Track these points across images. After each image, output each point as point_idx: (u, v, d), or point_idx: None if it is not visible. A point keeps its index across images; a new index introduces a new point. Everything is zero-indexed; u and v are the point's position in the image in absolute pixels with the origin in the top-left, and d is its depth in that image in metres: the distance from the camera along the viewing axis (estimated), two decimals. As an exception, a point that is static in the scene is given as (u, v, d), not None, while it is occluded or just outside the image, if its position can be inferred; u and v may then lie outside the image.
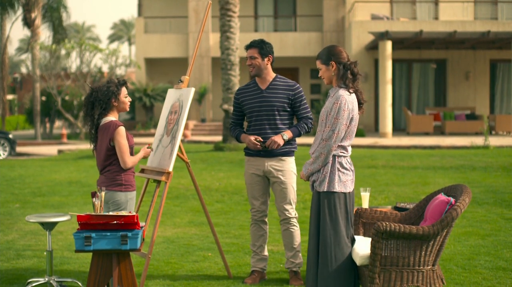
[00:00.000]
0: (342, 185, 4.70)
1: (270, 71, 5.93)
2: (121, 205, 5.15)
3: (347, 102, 4.66)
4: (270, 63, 5.91)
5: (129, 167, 5.16)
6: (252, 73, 5.92)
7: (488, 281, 5.77)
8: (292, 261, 5.93)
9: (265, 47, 5.85)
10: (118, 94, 5.23)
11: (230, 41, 18.62)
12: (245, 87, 6.03)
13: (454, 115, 24.35)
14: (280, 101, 5.83)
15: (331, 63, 4.76)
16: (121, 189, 5.15)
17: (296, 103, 5.88)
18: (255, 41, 5.90)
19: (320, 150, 4.69)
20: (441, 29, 24.08)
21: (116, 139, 5.12)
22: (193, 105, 27.96)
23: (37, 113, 29.12)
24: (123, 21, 72.63)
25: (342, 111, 4.64)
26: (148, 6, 30.74)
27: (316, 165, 4.72)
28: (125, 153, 5.12)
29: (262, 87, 5.91)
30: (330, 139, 4.65)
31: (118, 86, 5.24)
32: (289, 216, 5.89)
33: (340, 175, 4.70)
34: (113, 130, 5.12)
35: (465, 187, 4.82)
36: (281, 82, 5.91)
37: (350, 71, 4.74)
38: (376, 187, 11.43)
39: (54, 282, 5.63)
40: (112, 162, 5.17)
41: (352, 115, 4.69)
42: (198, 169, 14.19)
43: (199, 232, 8.11)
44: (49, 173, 14.57)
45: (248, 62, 5.89)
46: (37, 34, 29.11)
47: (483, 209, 9.31)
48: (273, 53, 5.92)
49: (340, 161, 4.71)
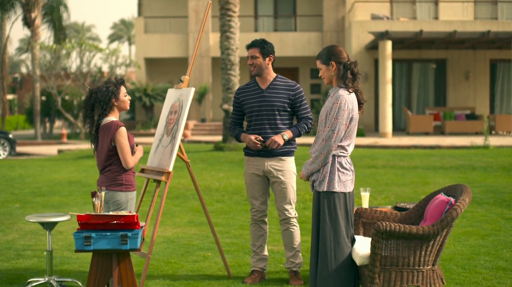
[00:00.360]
0: (342, 185, 4.70)
1: (271, 71, 5.93)
2: (121, 205, 5.16)
3: (347, 102, 4.67)
4: (271, 63, 5.91)
5: (130, 167, 5.17)
6: (253, 73, 5.92)
7: (488, 281, 5.77)
8: (292, 261, 5.93)
9: (267, 47, 5.86)
10: (117, 94, 5.23)
11: (230, 41, 18.62)
12: (245, 86, 6.03)
13: (454, 115, 24.35)
14: (281, 101, 5.83)
15: (331, 63, 4.76)
16: (121, 189, 5.15)
17: (297, 103, 5.88)
18: (257, 41, 5.90)
19: (320, 150, 4.69)
20: (441, 29, 24.08)
21: (117, 140, 5.12)
22: (193, 105, 27.96)
23: (37, 113, 29.12)
24: (123, 21, 72.63)
25: (342, 111, 4.65)
26: (148, 6, 30.74)
27: (315, 165, 4.72)
28: (127, 153, 5.13)
29: (262, 86, 5.91)
30: (330, 139, 4.65)
31: (117, 85, 5.24)
32: (289, 216, 5.89)
33: (340, 175, 4.70)
34: (114, 130, 5.12)
35: (465, 187, 4.82)
36: (281, 82, 5.91)
37: (350, 71, 4.74)
38: (376, 187, 11.43)
39: (54, 282, 5.63)
40: (113, 162, 5.18)
41: (352, 115, 4.70)
42: (198, 169, 14.19)
43: (199, 232, 8.11)
44: (49, 173, 14.57)
45: (249, 61, 5.89)
46: (37, 34, 29.12)
47: (483, 209, 9.31)
48: (274, 53, 5.92)
49: (340, 161, 4.71)
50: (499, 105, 26.96)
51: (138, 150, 5.41)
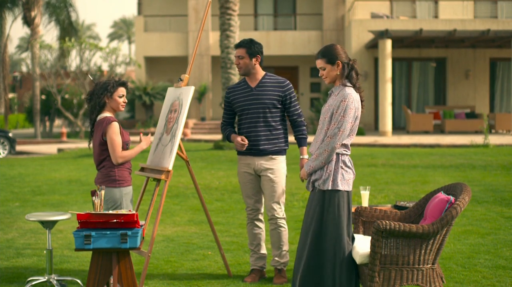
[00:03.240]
0: (345, 183, 4.70)
1: (259, 70, 5.95)
2: (116, 201, 5.16)
3: (354, 100, 4.69)
4: (259, 63, 5.92)
5: (119, 162, 5.16)
6: (240, 73, 5.96)
7: (488, 279, 5.77)
8: (277, 260, 5.96)
9: (253, 47, 5.86)
10: (112, 92, 5.24)
11: (230, 40, 18.62)
12: (235, 85, 6.06)
13: (454, 114, 24.35)
14: (270, 99, 5.85)
15: (337, 63, 4.76)
16: (115, 185, 5.17)
17: (287, 101, 5.90)
18: (244, 41, 5.92)
19: (324, 147, 4.68)
20: (441, 27, 24.07)
21: (108, 134, 5.14)
22: (193, 103, 27.96)
23: (37, 112, 29.12)
24: (124, 19, 72.62)
25: (349, 109, 4.66)
26: (148, 5, 30.73)
27: (318, 162, 4.70)
28: (115, 148, 5.13)
29: (252, 85, 5.93)
30: (335, 137, 4.65)
31: (115, 84, 5.26)
32: (277, 216, 5.90)
33: (343, 174, 4.70)
34: (105, 125, 5.15)
35: (464, 186, 4.82)
36: (270, 79, 5.93)
37: (355, 70, 4.77)
38: (376, 185, 11.43)
39: (54, 281, 5.63)
40: (106, 157, 5.21)
41: (357, 114, 4.72)
42: (198, 168, 14.19)
43: (199, 231, 8.12)
44: (48, 171, 14.57)
45: (236, 61, 5.93)
46: (37, 33, 29.10)
47: (482, 207, 9.32)
48: (262, 53, 5.92)
49: (344, 159, 4.72)
50: (499, 104, 26.96)
51: (143, 139, 5.42)
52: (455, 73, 26.40)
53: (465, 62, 26.39)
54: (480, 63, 26.44)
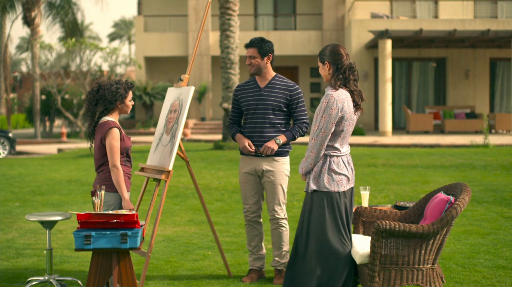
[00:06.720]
0: (334, 184, 4.70)
1: (270, 69, 5.93)
2: (111, 206, 5.11)
3: (336, 101, 4.66)
4: (270, 62, 5.91)
5: (113, 170, 5.07)
6: (251, 72, 5.93)
7: (488, 279, 5.78)
8: (278, 260, 5.95)
9: (265, 46, 5.84)
10: (125, 98, 5.22)
11: (230, 40, 18.62)
12: (244, 84, 6.04)
13: (454, 114, 24.34)
14: (277, 101, 5.83)
15: (326, 63, 4.79)
16: (113, 190, 5.11)
17: (293, 105, 5.88)
18: (255, 40, 5.88)
19: (310, 149, 4.72)
20: (441, 27, 24.07)
21: (107, 140, 5.08)
22: (193, 103, 27.96)
23: (37, 112, 29.11)
24: (124, 19, 72.60)
25: (330, 110, 4.64)
26: (148, 5, 30.73)
27: (307, 163, 4.74)
28: (113, 155, 5.06)
29: (261, 85, 5.92)
30: (318, 137, 4.67)
31: (127, 89, 5.23)
32: (278, 217, 5.89)
33: (332, 174, 4.70)
34: (106, 130, 5.09)
35: (464, 186, 4.82)
36: (280, 81, 5.91)
37: (351, 71, 4.75)
38: (376, 185, 11.43)
39: (54, 281, 5.63)
40: (105, 162, 5.16)
41: (342, 115, 4.68)
42: (198, 168, 14.19)
43: (199, 231, 8.12)
44: (48, 171, 14.57)
45: (247, 61, 5.89)
46: (37, 33, 29.11)
47: (482, 207, 9.32)
48: (273, 52, 5.91)
49: (332, 160, 4.71)
50: (498, 104, 26.96)
51: (127, 204, 5.07)
52: (455, 73, 26.40)
53: (465, 62, 26.38)
54: (480, 63, 26.44)
